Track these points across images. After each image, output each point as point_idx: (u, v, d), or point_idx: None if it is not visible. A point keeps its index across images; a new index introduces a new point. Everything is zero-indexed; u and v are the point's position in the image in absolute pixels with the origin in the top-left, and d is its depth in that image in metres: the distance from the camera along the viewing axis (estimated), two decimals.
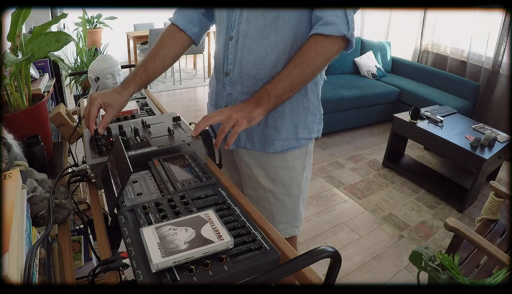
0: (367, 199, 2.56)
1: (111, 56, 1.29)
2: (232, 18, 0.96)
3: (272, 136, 1.03)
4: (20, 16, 0.79)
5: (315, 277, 0.55)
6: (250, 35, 0.93)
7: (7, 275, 0.36)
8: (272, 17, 0.90)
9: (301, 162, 1.09)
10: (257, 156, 1.07)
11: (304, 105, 1.02)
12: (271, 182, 1.08)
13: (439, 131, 2.64)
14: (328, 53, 0.87)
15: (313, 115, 1.05)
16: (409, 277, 1.87)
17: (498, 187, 1.63)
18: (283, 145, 1.04)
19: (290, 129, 1.03)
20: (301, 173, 1.10)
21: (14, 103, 0.87)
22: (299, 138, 1.05)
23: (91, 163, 0.78)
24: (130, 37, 4.96)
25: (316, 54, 0.86)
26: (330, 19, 0.84)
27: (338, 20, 0.84)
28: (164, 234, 0.53)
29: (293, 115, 1.02)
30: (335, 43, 0.86)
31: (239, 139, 1.06)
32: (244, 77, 0.98)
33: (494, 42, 3.45)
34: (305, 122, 1.04)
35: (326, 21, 0.84)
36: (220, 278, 0.48)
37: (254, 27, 0.92)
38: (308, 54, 0.86)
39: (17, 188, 0.51)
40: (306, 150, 1.09)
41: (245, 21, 0.93)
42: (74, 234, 1.26)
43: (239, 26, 0.94)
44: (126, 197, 0.67)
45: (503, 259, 1.17)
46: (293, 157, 1.07)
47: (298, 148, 1.06)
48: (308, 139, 1.07)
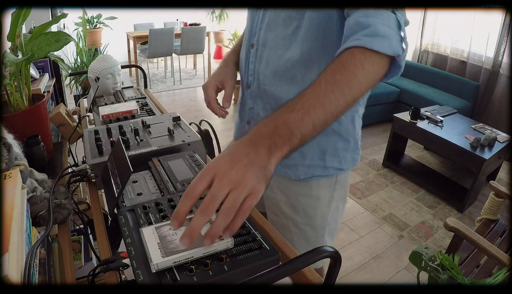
0: (367, 199, 2.56)
1: (111, 56, 1.29)
2: (255, 23, 0.86)
3: (295, 160, 0.89)
4: (20, 16, 0.79)
5: (315, 277, 0.55)
6: (269, 44, 0.82)
7: (7, 275, 0.36)
8: (295, 26, 0.77)
9: (329, 192, 0.93)
10: (279, 179, 0.94)
11: (334, 129, 0.87)
12: (292, 209, 0.95)
13: (439, 131, 2.64)
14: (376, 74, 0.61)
15: (346, 142, 0.89)
16: (409, 277, 1.87)
17: (498, 187, 1.63)
18: (307, 172, 0.90)
19: (316, 155, 0.88)
20: (327, 204, 0.95)
21: (14, 103, 0.87)
22: (326, 166, 0.90)
23: (91, 163, 0.78)
24: (130, 37, 4.96)
25: (362, 72, 0.58)
26: (381, 29, 0.59)
27: (390, 32, 0.60)
28: (164, 234, 0.53)
29: (320, 139, 0.86)
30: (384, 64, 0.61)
31: None
32: (263, 93, 0.87)
33: (494, 42, 3.45)
34: (334, 149, 0.88)
35: (375, 31, 0.59)
36: (220, 278, 0.48)
37: (275, 36, 0.81)
38: (351, 70, 0.58)
39: (17, 188, 0.51)
40: (336, 179, 0.93)
41: (266, 28, 0.82)
42: (74, 234, 1.26)
43: (260, 32, 0.84)
44: (126, 197, 0.67)
45: (503, 259, 1.17)
46: (318, 185, 0.92)
47: (325, 177, 0.91)
48: (338, 169, 0.91)
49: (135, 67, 3.65)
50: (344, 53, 0.60)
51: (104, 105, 1.15)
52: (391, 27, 0.60)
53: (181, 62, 5.70)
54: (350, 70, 0.57)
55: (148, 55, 4.63)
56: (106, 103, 1.19)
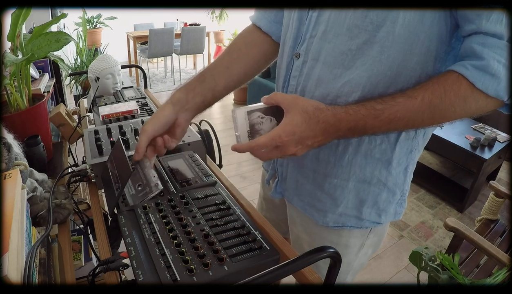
0: None
1: (111, 56, 1.29)
2: (304, 26, 0.67)
3: (325, 205, 0.75)
4: (20, 16, 0.79)
5: (315, 277, 0.55)
6: (324, 59, 0.64)
7: (7, 275, 0.36)
8: (364, 40, 0.59)
9: (360, 240, 0.80)
10: (305, 218, 0.81)
11: (380, 178, 0.71)
12: None
13: (439, 131, 2.64)
14: (478, 110, 0.55)
15: (391, 193, 0.74)
16: (409, 277, 1.87)
17: (498, 187, 1.63)
18: (338, 220, 0.76)
19: (352, 204, 0.74)
20: (356, 252, 0.81)
21: (14, 103, 0.87)
22: (362, 218, 0.75)
23: (91, 163, 0.78)
24: (130, 37, 4.96)
25: (462, 105, 0.53)
26: (493, 66, 0.51)
27: (503, 72, 0.51)
28: (253, 121, 0.60)
29: (360, 187, 0.72)
30: (491, 103, 0.54)
31: (286, 189, 0.81)
32: None
33: None
34: (375, 201, 0.73)
35: (487, 66, 0.51)
36: (220, 278, 0.49)
37: (333, 49, 0.62)
38: (451, 100, 0.53)
39: (17, 188, 0.51)
40: (371, 229, 0.79)
41: (321, 36, 0.63)
42: (74, 234, 1.26)
43: (311, 41, 0.65)
44: (126, 197, 0.67)
45: (503, 259, 1.17)
46: (349, 234, 0.78)
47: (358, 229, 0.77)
48: (376, 223, 0.76)
49: (135, 67, 3.65)
50: (452, 76, 0.53)
51: (104, 105, 1.15)
52: (505, 66, 0.51)
53: (181, 62, 5.70)
54: (450, 100, 0.53)
55: (148, 55, 4.63)
56: (106, 103, 1.19)
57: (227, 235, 0.57)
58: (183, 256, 0.51)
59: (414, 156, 0.72)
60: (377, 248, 0.86)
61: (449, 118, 0.56)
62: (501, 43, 0.51)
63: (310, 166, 0.73)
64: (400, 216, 0.79)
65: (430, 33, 0.57)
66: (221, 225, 0.59)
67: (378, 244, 0.85)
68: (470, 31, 0.53)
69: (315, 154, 0.71)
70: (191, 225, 0.59)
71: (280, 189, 0.83)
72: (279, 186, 0.83)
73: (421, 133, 0.69)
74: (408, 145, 0.69)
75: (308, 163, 0.73)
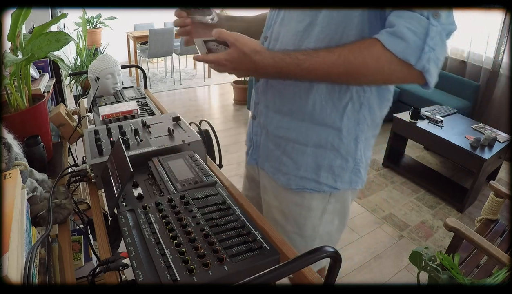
0: (367, 199, 2.56)
1: (111, 56, 1.29)
2: (271, 16, 0.84)
3: (288, 167, 0.87)
4: (20, 16, 0.79)
5: (315, 277, 0.55)
6: (281, 39, 0.79)
7: (7, 275, 0.36)
8: (308, 22, 0.73)
9: (322, 204, 0.89)
10: (273, 182, 0.92)
11: (334, 144, 0.82)
12: (283, 216, 0.93)
13: (439, 131, 2.64)
14: (392, 75, 0.63)
15: (344, 160, 0.83)
16: (409, 277, 1.87)
17: (498, 187, 1.63)
18: (299, 183, 0.87)
19: (310, 168, 0.84)
20: (319, 216, 0.90)
21: (14, 103, 0.87)
22: (320, 182, 0.85)
23: (91, 163, 0.78)
24: (130, 37, 4.96)
25: (374, 65, 0.62)
26: (403, 31, 0.59)
27: (411, 37, 0.58)
28: (211, 47, 0.75)
29: (317, 152, 0.83)
30: (406, 70, 0.61)
31: (259, 156, 0.94)
32: (270, 89, 0.85)
33: (494, 42, 3.45)
34: (330, 166, 0.84)
35: (396, 31, 0.60)
36: (220, 278, 0.49)
37: (287, 32, 0.78)
38: (365, 58, 0.62)
39: (17, 188, 0.51)
40: (330, 194, 0.88)
41: (280, 22, 0.80)
42: (74, 234, 1.26)
43: (274, 26, 0.82)
44: (126, 197, 0.67)
45: (503, 259, 1.17)
46: (311, 197, 0.88)
47: (317, 192, 0.87)
48: (332, 187, 0.86)
49: (135, 67, 3.65)
50: (369, 40, 0.63)
51: (104, 105, 1.15)
52: (416, 33, 0.58)
53: (181, 62, 5.70)
54: (364, 58, 0.62)
55: (148, 55, 4.63)
56: (106, 103, 1.19)
57: (227, 235, 0.57)
58: (183, 256, 0.51)
59: (363, 128, 0.82)
60: (344, 220, 0.95)
61: (365, 77, 0.66)
62: (414, 14, 0.59)
63: (277, 133, 0.86)
64: (356, 185, 0.87)
65: (363, 18, 0.68)
66: (221, 225, 0.59)
67: (343, 214, 0.93)
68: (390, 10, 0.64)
69: (281, 122, 0.84)
70: (191, 225, 0.59)
71: (255, 155, 0.96)
72: (254, 153, 0.96)
73: (366, 108, 0.79)
74: (355, 117, 0.80)
75: (273, 129, 0.87)
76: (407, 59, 0.60)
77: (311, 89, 0.78)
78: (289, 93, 0.81)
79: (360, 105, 0.78)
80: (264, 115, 0.88)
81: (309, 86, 0.78)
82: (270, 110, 0.86)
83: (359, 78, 0.67)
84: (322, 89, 0.77)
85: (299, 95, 0.79)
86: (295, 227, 0.92)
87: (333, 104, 0.78)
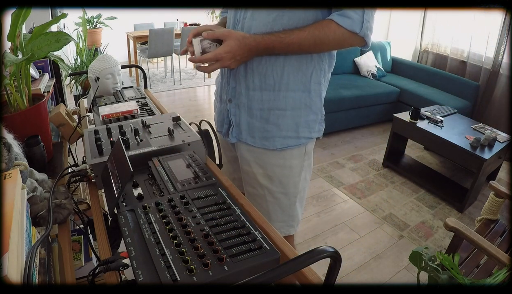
0: (367, 199, 2.56)
1: (111, 56, 1.29)
2: (238, 14, 1.00)
3: (272, 132, 1.04)
4: (20, 16, 0.79)
5: (315, 277, 0.55)
6: (254, 31, 0.95)
7: (7, 275, 0.36)
8: (277, 13, 0.92)
9: (300, 162, 1.10)
10: (256, 153, 1.08)
11: (306, 104, 1.03)
12: (269, 180, 1.09)
13: (439, 131, 2.64)
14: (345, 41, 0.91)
15: (315, 114, 1.07)
16: (409, 277, 1.87)
17: (498, 187, 1.63)
18: (283, 142, 1.05)
19: (291, 127, 1.04)
20: (298, 173, 1.11)
21: (14, 103, 0.87)
22: (299, 137, 1.06)
23: (91, 163, 0.78)
24: (130, 37, 4.96)
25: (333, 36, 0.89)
26: (347, 12, 0.88)
27: (354, 16, 0.88)
28: (205, 46, 0.91)
29: (295, 113, 1.03)
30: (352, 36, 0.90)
31: (241, 133, 1.08)
32: (249, 72, 1.00)
33: (494, 42, 3.45)
34: (306, 121, 1.05)
35: (343, 13, 0.88)
36: (220, 278, 0.49)
37: (259, 24, 0.94)
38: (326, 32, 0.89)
39: (17, 188, 0.51)
40: (305, 150, 1.10)
41: (250, 17, 0.96)
42: (74, 234, 1.26)
43: (244, 21, 0.97)
44: (126, 197, 0.67)
45: (503, 259, 1.17)
46: (291, 156, 1.08)
47: (297, 147, 1.07)
48: (308, 138, 1.08)
49: (135, 67, 3.65)
50: (326, 20, 0.90)
51: (104, 105, 1.15)
52: (357, 12, 0.88)
53: (181, 62, 5.70)
54: (325, 32, 0.89)
55: (148, 55, 4.63)
56: (106, 103, 1.19)
57: (227, 235, 0.57)
58: (183, 256, 0.51)
59: (322, 87, 1.06)
60: (311, 173, 1.17)
61: (327, 45, 0.93)
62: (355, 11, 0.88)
63: (257, 107, 1.03)
64: (321, 134, 1.11)
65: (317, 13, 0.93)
66: (221, 225, 0.59)
67: (311, 169, 1.16)
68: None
69: (263, 96, 1.01)
70: (191, 225, 0.59)
71: (235, 133, 1.09)
72: (234, 131, 1.09)
73: (323, 72, 1.03)
74: (317, 79, 1.03)
75: (255, 105, 1.03)
76: (353, 30, 0.88)
77: (284, 65, 0.97)
78: (267, 71, 0.99)
79: (320, 70, 1.02)
80: (244, 95, 1.03)
81: (282, 63, 0.97)
82: (250, 89, 1.02)
83: (323, 47, 0.94)
84: (292, 63, 0.97)
85: (276, 71, 0.98)
86: (280, 187, 1.10)
87: (302, 73, 1.00)
